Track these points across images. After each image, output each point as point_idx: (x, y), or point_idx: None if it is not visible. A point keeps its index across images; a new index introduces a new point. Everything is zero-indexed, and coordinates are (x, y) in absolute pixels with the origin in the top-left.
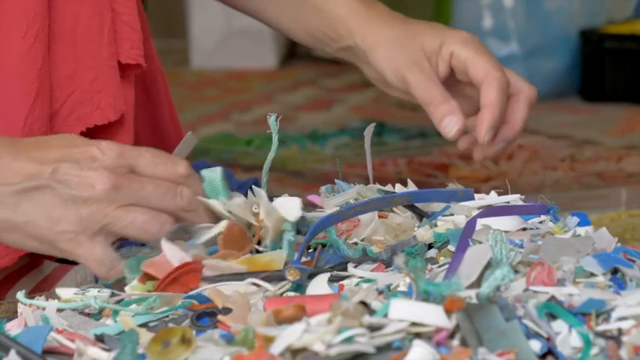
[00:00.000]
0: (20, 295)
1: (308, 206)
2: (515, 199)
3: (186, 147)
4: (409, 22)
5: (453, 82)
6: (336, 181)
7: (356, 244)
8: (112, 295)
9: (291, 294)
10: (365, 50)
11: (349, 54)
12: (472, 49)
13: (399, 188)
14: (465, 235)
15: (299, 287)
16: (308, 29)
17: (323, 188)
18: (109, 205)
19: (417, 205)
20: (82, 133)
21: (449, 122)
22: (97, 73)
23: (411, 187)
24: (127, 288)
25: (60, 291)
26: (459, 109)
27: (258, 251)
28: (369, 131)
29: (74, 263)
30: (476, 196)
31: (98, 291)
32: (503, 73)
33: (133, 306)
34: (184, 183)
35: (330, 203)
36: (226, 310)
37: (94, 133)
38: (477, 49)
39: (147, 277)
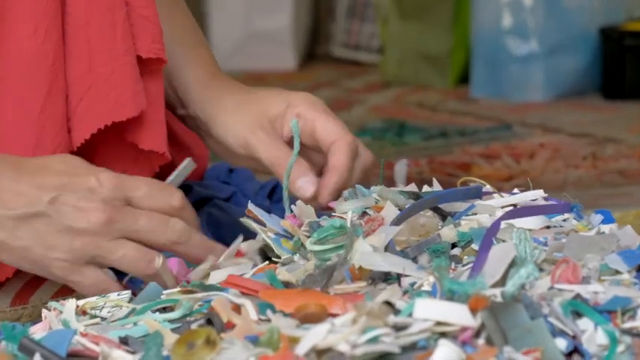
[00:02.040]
0: (51, 302)
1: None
2: (538, 195)
3: (184, 172)
4: (252, 89)
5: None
6: (356, 185)
7: None
8: (131, 299)
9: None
10: (205, 121)
11: (194, 124)
12: (320, 111)
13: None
14: (489, 234)
15: None
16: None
17: (346, 193)
18: (102, 237)
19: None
20: (105, 130)
21: (304, 183)
22: (113, 69)
23: (436, 187)
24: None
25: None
26: (309, 169)
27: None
28: (401, 168)
29: None
30: (500, 194)
31: (118, 294)
32: (351, 136)
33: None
34: (178, 215)
35: (342, 208)
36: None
37: (121, 130)
38: (324, 110)
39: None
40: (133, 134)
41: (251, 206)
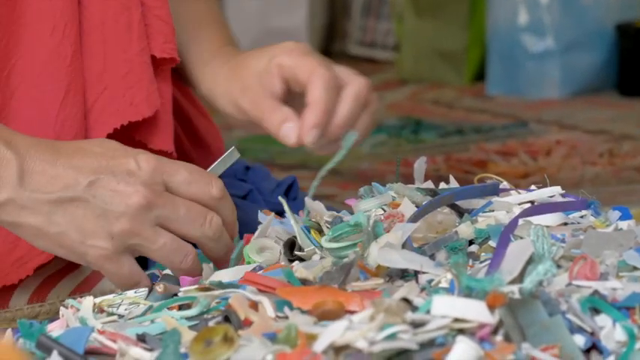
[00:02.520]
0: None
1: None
2: (555, 192)
3: (226, 161)
4: (240, 53)
5: (293, 98)
6: (372, 183)
7: None
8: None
9: None
10: (210, 98)
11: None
12: (296, 55)
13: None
14: (507, 231)
15: None
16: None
17: (361, 190)
18: (141, 223)
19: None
20: (117, 130)
21: (287, 129)
22: (128, 69)
23: (453, 184)
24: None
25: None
26: (293, 114)
27: None
28: (420, 165)
29: None
30: (517, 191)
31: (135, 292)
32: (329, 69)
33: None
34: (216, 206)
35: (360, 207)
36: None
37: (130, 129)
38: (301, 52)
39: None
40: (143, 134)
41: (281, 199)
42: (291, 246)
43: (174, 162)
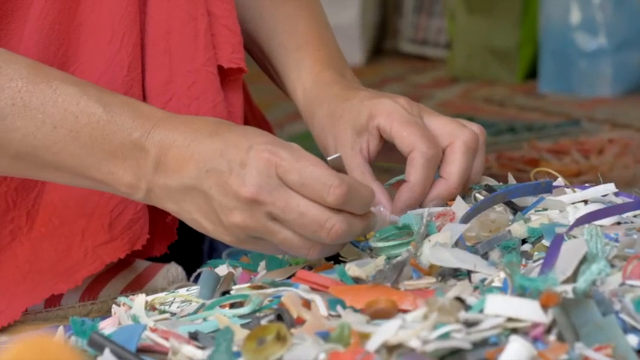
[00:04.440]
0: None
1: None
2: (609, 190)
3: (333, 164)
4: (344, 95)
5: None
6: None
7: None
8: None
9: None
10: (306, 121)
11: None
12: (396, 121)
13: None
14: (560, 235)
15: None
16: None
17: None
18: (253, 218)
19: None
20: None
21: (378, 211)
22: (194, 79)
23: (512, 182)
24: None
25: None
26: (384, 193)
27: None
28: None
29: (166, 261)
30: (572, 189)
31: (187, 290)
32: (429, 143)
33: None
34: (337, 213)
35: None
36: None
37: None
38: (400, 119)
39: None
40: None
41: None
42: None
43: (292, 154)
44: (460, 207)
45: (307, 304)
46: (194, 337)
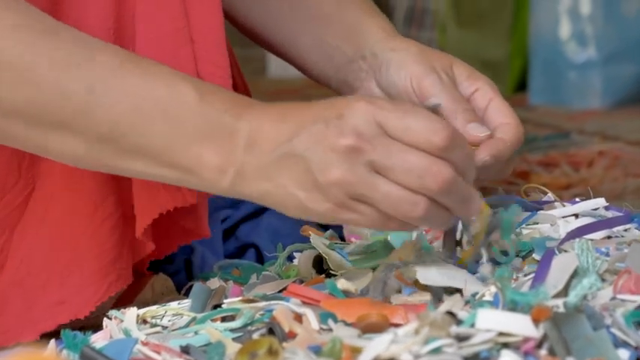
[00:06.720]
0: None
1: None
2: (599, 204)
3: None
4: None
5: None
6: None
7: None
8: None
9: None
10: (385, 59)
11: (353, 69)
12: (498, 93)
13: None
14: (551, 250)
15: None
16: (321, 43)
17: None
18: (352, 171)
19: None
20: None
21: (477, 126)
22: None
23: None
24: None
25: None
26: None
27: None
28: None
29: (154, 272)
30: (562, 203)
31: (178, 303)
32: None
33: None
34: (445, 157)
35: None
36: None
37: None
38: (500, 95)
39: None
40: None
41: None
42: (319, 262)
43: (390, 102)
44: None
45: (299, 317)
46: (186, 350)
